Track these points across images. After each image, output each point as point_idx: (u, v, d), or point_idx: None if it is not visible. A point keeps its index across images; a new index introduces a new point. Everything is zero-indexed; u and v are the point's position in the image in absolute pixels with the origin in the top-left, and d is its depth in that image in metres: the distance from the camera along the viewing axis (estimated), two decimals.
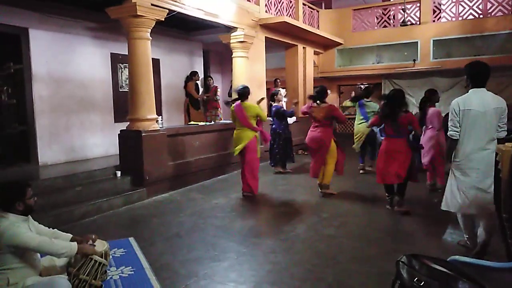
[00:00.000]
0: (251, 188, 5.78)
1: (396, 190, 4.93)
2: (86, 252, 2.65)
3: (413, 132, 5.03)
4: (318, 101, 5.65)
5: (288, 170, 7.72)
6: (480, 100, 3.34)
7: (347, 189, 6.24)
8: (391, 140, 4.80)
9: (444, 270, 1.98)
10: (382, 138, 5.07)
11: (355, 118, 7.74)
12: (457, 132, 3.43)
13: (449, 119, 3.48)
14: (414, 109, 8.30)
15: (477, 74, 3.42)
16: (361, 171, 7.50)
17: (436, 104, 5.96)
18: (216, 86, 9.79)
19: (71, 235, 2.85)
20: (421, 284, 1.95)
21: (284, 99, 10.16)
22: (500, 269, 2.20)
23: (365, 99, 7.41)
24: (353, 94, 7.53)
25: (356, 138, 7.41)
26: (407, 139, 4.85)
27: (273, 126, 7.67)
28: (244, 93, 5.76)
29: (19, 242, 2.41)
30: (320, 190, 5.80)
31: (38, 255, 2.67)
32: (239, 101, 5.76)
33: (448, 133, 3.51)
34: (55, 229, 2.85)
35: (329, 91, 6.01)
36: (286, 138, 7.63)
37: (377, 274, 3.21)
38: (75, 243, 2.64)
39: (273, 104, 7.70)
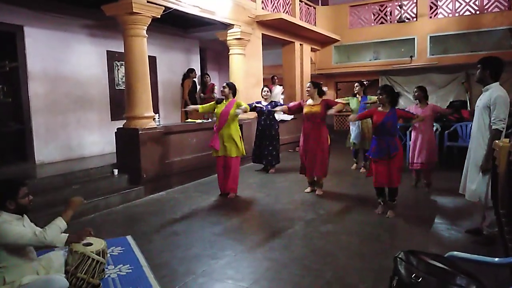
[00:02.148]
0: (234, 189, 5.75)
1: (388, 193, 4.66)
2: (71, 240, 2.70)
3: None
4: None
5: (260, 170, 7.53)
6: None
7: (344, 186, 6.25)
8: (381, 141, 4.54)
9: (442, 266, 1.99)
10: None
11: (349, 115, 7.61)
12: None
13: (502, 111, 3.42)
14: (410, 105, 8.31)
15: (502, 69, 3.57)
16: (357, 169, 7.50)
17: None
18: (213, 84, 9.77)
19: (67, 235, 2.80)
20: (419, 280, 1.95)
21: (282, 96, 10.16)
22: (498, 265, 2.21)
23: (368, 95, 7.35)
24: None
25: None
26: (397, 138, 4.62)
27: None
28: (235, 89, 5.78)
29: (10, 240, 2.39)
30: (310, 190, 5.79)
31: (35, 253, 2.65)
32: (234, 98, 5.70)
33: (499, 127, 3.43)
34: None
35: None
36: (264, 135, 7.33)
37: (375, 271, 3.22)
38: (66, 234, 2.67)
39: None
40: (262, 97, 7.52)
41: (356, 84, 7.33)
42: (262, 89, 7.61)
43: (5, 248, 2.42)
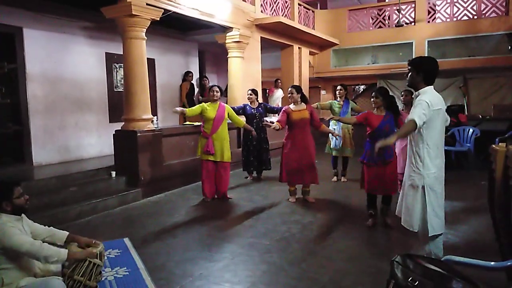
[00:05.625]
0: (225, 191, 5.72)
1: (382, 200, 4.50)
2: (78, 258, 2.62)
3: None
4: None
5: (249, 178, 7.12)
6: None
7: (341, 191, 6.25)
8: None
9: (439, 269, 2.00)
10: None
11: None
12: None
13: (419, 112, 2.87)
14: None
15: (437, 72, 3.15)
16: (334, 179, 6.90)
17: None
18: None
19: (68, 233, 2.84)
20: (416, 283, 1.95)
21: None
22: (494, 269, 2.22)
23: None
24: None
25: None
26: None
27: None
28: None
29: (8, 245, 2.39)
30: (295, 200, 5.61)
31: None
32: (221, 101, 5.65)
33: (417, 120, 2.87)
34: (51, 227, 2.85)
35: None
36: (259, 141, 6.82)
37: (371, 274, 3.23)
38: (66, 250, 2.58)
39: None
40: (248, 99, 7.07)
41: (339, 87, 6.69)
42: (247, 92, 7.09)
43: (4, 252, 2.42)
